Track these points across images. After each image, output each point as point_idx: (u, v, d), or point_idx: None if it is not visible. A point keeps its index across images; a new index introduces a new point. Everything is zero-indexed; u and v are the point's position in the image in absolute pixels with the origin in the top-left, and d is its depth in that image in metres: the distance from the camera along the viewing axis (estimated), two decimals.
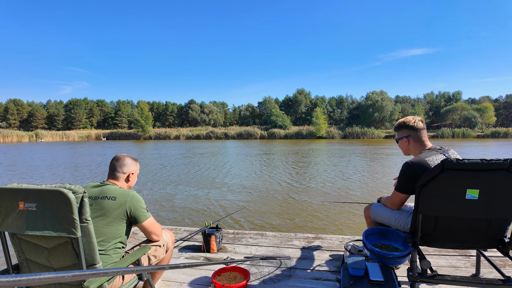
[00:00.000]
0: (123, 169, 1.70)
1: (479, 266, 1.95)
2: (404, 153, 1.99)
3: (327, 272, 2.23)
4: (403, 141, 1.93)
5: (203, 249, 2.65)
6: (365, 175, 9.66)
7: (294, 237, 2.98)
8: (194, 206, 5.95)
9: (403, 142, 1.93)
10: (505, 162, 1.32)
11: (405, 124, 1.91)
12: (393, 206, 1.87)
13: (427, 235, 1.54)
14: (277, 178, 9.17)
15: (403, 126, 1.93)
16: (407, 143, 1.91)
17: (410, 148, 1.91)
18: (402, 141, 1.94)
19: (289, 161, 14.34)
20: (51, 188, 1.19)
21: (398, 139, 1.98)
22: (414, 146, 1.88)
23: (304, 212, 5.45)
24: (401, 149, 2.00)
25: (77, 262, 1.25)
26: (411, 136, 1.88)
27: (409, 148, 1.91)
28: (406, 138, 1.90)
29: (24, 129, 58.88)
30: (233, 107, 76.33)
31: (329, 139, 47.37)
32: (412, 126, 1.89)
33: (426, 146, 1.85)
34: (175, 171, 11.00)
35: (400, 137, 1.95)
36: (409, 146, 1.90)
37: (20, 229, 1.24)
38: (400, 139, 1.95)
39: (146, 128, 53.51)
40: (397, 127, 1.97)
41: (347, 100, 65.13)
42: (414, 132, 1.88)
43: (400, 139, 1.95)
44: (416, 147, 1.87)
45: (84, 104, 69.19)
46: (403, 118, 1.98)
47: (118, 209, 1.52)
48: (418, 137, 1.87)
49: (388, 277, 1.46)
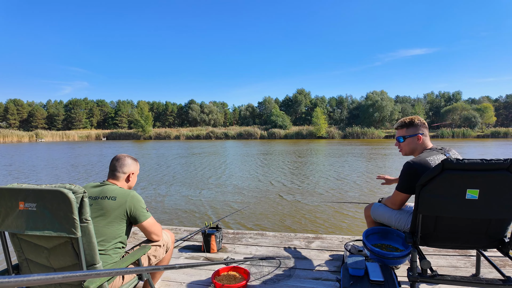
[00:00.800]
0: (124, 169, 1.70)
1: (479, 266, 1.95)
2: (407, 152, 1.93)
3: (327, 272, 2.23)
4: (414, 139, 1.86)
5: (203, 249, 2.65)
6: (365, 175, 9.66)
7: (294, 237, 2.98)
8: (194, 206, 5.95)
9: (414, 139, 1.86)
10: (505, 162, 1.32)
11: (419, 121, 1.87)
12: (394, 206, 1.86)
13: (427, 235, 1.54)
14: (277, 178, 9.17)
15: (415, 123, 1.87)
16: (419, 140, 1.85)
17: (419, 146, 1.86)
18: (413, 138, 1.87)
19: (288, 161, 14.35)
20: (51, 188, 1.19)
21: (408, 136, 1.88)
22: (422, 145, 1.85)
23: (304, 212, 5.45)
24: (405, 148, 1.92)
25: (77, 262, 1.25)
26: (423, 134, 1.86)
27: (417, 147, 1.86)
28: (420, 135, 1.85)
29: (24, 129, 58.90)
30: (233, 107, 76.39)
31: (329, 139, 47.39)
32: (425, 124, 1.88)
33: (428, 146, 1.85)
34: (173, 171, 11.00)
35: (411, 134, 1.87)
36: (419, 144, 1.85)
37: (20, 229, 1.24)
38: (411, 137, 1.87)
39: (146, 128, 53.53)
40: (408, 124, 1.89)
41: (347, 100, 65.16)
42: (426, 130, 1.87)
43: (410, 136, 1.87)
44: (422, 146, 1.85)
45: (84, 104, 69.21)
46: (411, 116, 1.93)
47: (118, 209, 1.52)
48: (427, 136, 1.87)
49: (388, 277, 1.46)
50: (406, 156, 1.94)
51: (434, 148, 1.80)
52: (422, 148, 1.85)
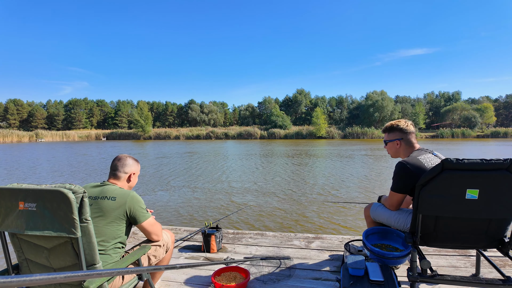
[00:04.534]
0: (125, 169, 1.71)
1: (479, 266, 1.95)
2: (392, 155, 1.99)
3: (327, 272, 2.23)
4: (394, 144, 1.93)
5: (203, 249, 2.65)
6: (365, 175, 9.66)
7: (294, 237, 2.98)
8: (194, 206, 5.95)
9: (393, 144, 1.93)
10: (505, 162, 1.32)
11: (398, 127, 1.91)
12: (391, 206, 1.87)
13: (427, 235, 1.54)
14: (277, 178, 9.17)
15: (395, 128, 1.92)
16: (398, 146, 1.91)
17: (400, 151, 1.92)
18: (392, 143, 1.94)
19: (288, 161, 14.34)
20: (51, 188, 1.19)
21: (388, 141, 1.96)
22: (404, 149, 1.90)
23: (304, 212, 5.45)
24: (389, 151, 1.99)
25: (77, 262, 1.25)
26: (402, 139, 1.90)
27: (399, 151, 1.93)
28: (397, 141, 1.91)
29: (24, 129, 58.87)
30: (233, 107, 76.39)
31: (329, 139, 47.38)
32: (405, 129, 1.90)
33: (415, 147, 1.88)
34: (172, 171, 11.00)
35: (390, 139, 1.94)
36: (399, 149, 1.92)
37: (20, 229, 1.24)
38: (391, 142, 1.94)
39: (146, 128, 53.52)
40: (388, 129, 1.96)
41: (347, 100, 65.17)
42: (406, 135, 1.90)
43: (390, 141, 1.95)
44: (406, 150, 1.89)
45: (84, 104, 69.20)
46: (394, 120, 1.98)
47: (118, 210, 1.52)
48: (408, 140, 1.89)
49: (388, 277, 1.46)
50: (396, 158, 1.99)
51: (422, 149, 1.85)
52: (406, 152, 1.89)
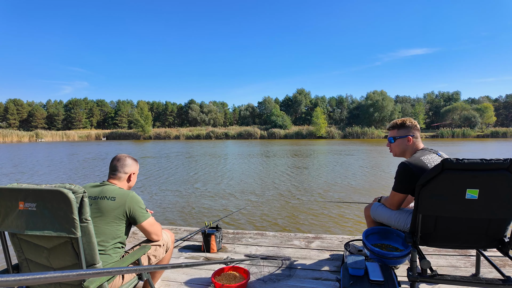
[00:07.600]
0: (125, 169, 1.71)
1: (479, 266, 1.95)
2: (397, 153, 1.95)
3: (327, 272, 2.23)
4: (404, 140, 1.89)
5: (203, 249, 2.65)
6: (365, 175, 9.66)
7: (294, 237, 2.98)
8: (194, 206, 5.95)
9: (404, 141, 1.89)
10: (505, 162, 1.32)
11: (411, 123, 1.90)
12: (392, 206, 1.87)
13: (427, 235, 1.54)
14: (277, 178, 9.17)
15: (407, 125, 1.90)
16: (409, 142, 1.88)
17: (409, 147, 1.89)
18: (403, 139, 1.89)
19: (288, 161, 14.34)
20: (51, 188, 1.19)
21: (398, 137, 1.91)
22: (412, 146, 1.88)
23: (304, 211, 5.45)
24: (395, 149, 1.95)
25: (77, 262, 1.25)
26: (414, 136, 1.88)
27: (408, 148, 1.89)
28: (410, 136, 1.87)
29: (24, 129, 58.83)
30: (233, 107, 76.34)
31: (329, 139, 47.38)
32: (415, 126, 1.90)
33: (419, 147, 1.88)
34: (172, 171, 11.00)
35: (401, 135, 1.90)
36: (409, 146, 1.89)
37: (20, 229, 1.24)
38: (401, 138, 1.90)
39: (146, 128, 53.51)
40: (399, 126, 1.92)
41: (347, 100, 65.14)
42: (417, 132, 1.90)
43: (400, 137, 1.90)
44: (412, 148, 1.88)
45: (84, 104, 69.17)
46: (404, 118, 1.97)
47: (118, 210, 1.52)
48: (418, 138, 1.90)
49: (388, 277, 1.46)
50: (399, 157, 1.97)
51: (426, 149, 1.83)
52: (412, 150, 1.88)
